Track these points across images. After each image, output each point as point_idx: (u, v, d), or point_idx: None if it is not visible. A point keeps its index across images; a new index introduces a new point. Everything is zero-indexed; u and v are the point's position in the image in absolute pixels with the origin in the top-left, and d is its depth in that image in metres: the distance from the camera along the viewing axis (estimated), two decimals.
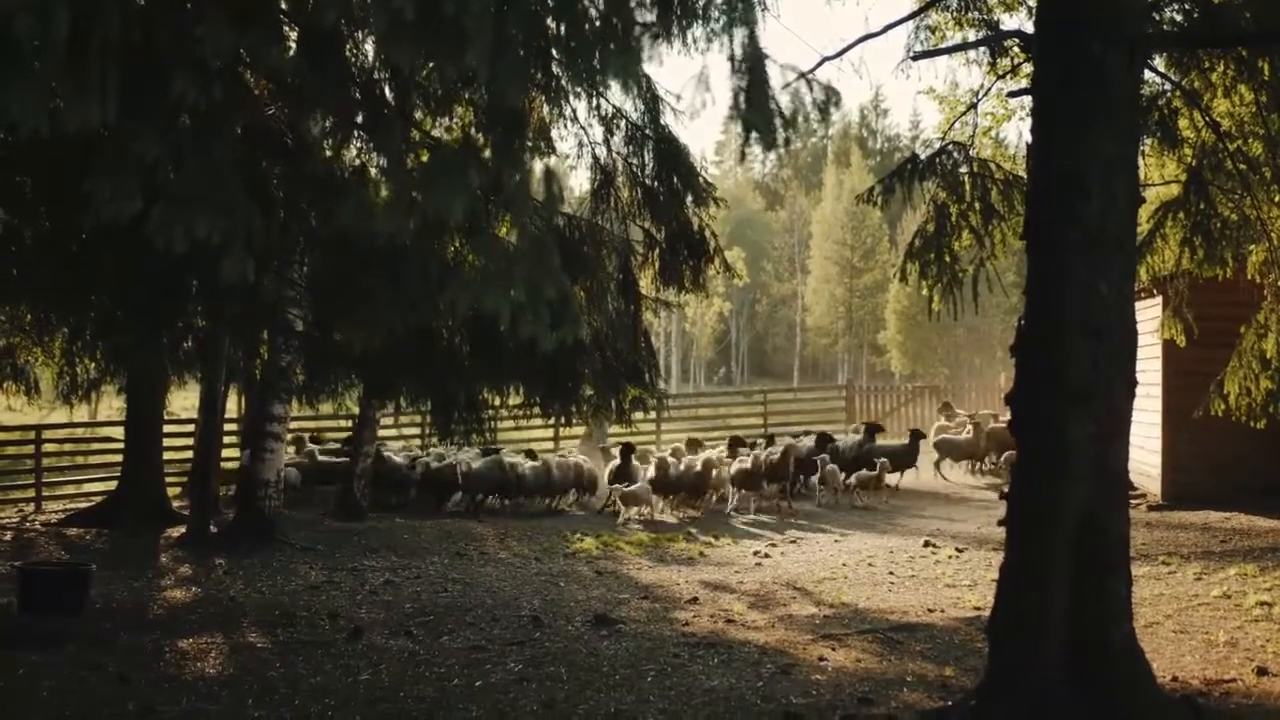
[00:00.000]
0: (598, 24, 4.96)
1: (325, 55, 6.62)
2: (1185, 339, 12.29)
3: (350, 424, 18.99)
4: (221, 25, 4.82)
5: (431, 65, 5.05)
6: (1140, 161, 7.88)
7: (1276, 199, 10.48)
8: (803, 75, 5.57)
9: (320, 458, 18.94)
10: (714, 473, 17.61)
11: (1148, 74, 9.61)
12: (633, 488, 16.93)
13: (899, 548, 13.87)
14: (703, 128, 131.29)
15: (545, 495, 18.31)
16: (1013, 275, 24.68)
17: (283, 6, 6.57)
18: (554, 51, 5.40)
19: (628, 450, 18.08)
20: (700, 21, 5.17)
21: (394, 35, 4.62)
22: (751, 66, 5.19)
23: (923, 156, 10.75)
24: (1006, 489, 6.90)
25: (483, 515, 17.15)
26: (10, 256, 9.21)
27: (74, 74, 4.69)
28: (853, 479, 18.30)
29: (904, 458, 19.66)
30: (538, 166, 6.25)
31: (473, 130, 7.38)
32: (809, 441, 19.76)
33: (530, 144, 5.66)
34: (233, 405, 20.93)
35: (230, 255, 5.19)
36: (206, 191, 5.13)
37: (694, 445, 20.62)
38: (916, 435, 20.42)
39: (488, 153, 5.76)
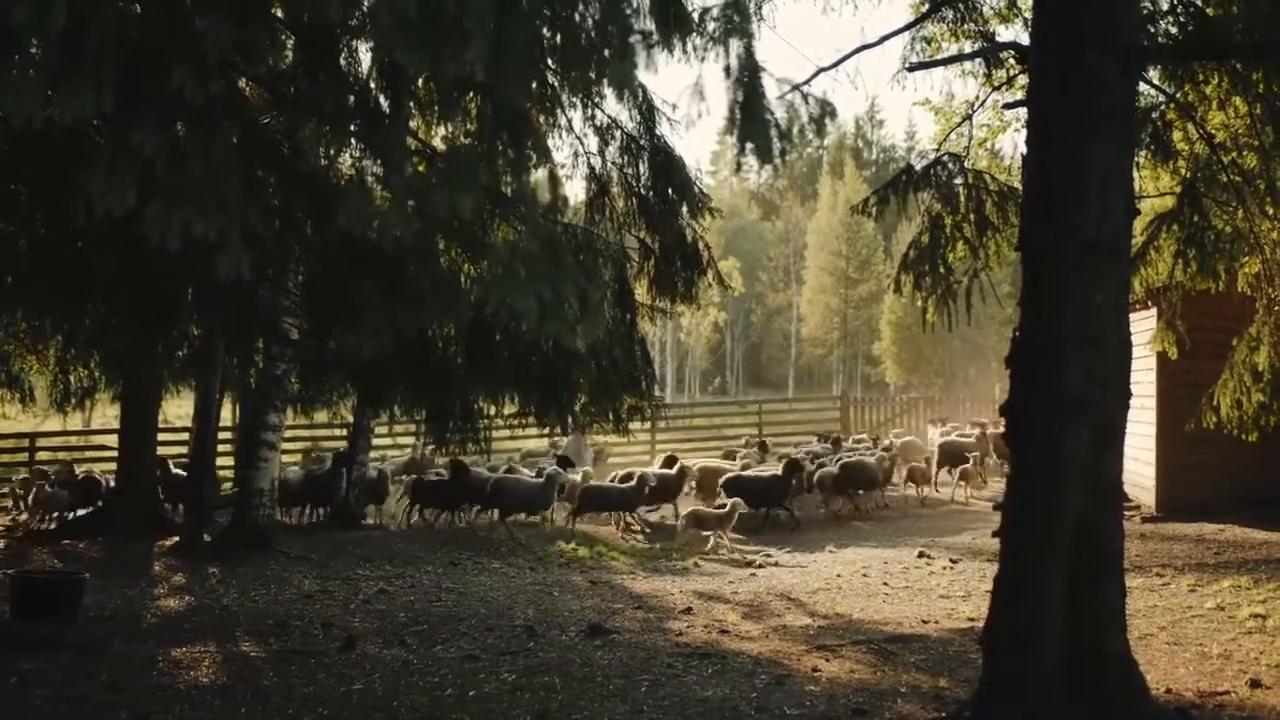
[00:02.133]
0: (593, 33, 4.97)
1: (321, 61, 6.64)
2: (1178, 351, 12.31)
3: (345, 433, 18.95)
4: (220, 19, 4.83)
5: (432, 67, 5.05)
6: (1135, 173, 7.89)
7: (1270, 212, 10.50)
8: (797, 87, 5.58)
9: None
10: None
11: (1142, 86, 9.64)
12: None
13: (893, 559, 13.87)
14: (698, 137, 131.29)
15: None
16: (1007, 287, 24.76)
17: (279, 15, 6.58)
18: (549, 60, 5.41)
19: (793, 467, 17.39)
20: (696, 32, 5.18)
21: (397, 33, 4.63)
22: (748, 78, 5.20)
23: (918, 168, 10.74)
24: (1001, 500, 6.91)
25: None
26: (5, 264, 9.20)
27: (70, 65, 4.70)
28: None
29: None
30: (538, 173, 6.27)
31: (466, 139, 7.38)
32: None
33: (532, 147, 5.66)
34: (227, 414, 20.92)
35: (226, 251, 5.18)
36: (203, 187, 5.12)
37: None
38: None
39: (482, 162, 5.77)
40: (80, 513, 17.23)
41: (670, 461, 18.32)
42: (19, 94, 4.62)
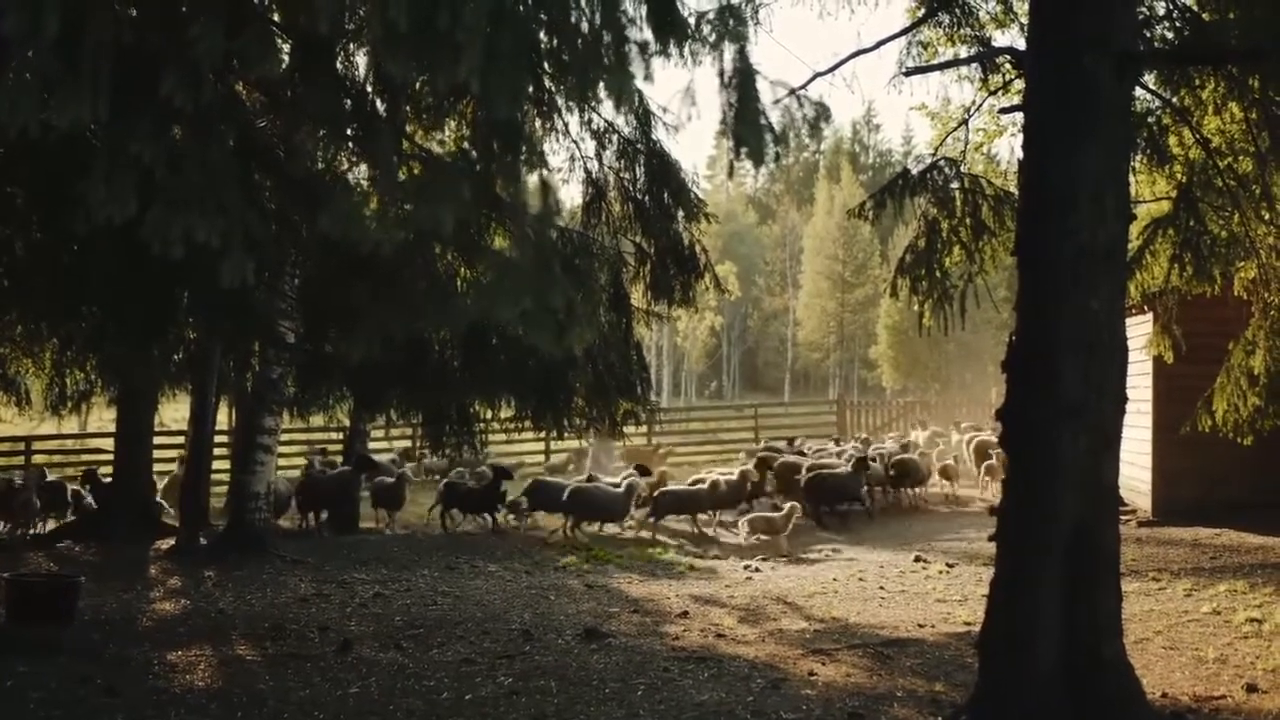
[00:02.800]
0: (590, 39, 4.97)
1: (318, 66, 6.63)
2: (1174, 355, 12.33)
3: (341, 436, 18.94)
4: (214, 25, 4.81)
5: (424, 77, 5.04)
6: (1131, 178, 7.90)
7: (1266, 216, 10.52)
8: (793, 91, 5.58)
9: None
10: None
11: (1138, 91, 9.63)
12: None
13: (889, 563, 13.88)
14: (695, 142, 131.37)
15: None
16: (1003, 291, 24.76)
17: (275, 19, 6.57)
18: (546, 65, 5.41)
19: (862, 464, 17.85)
20: (692, 37, 5.18)
21: (388, 45, 4.63)
22: (742, 82, 5.19)
23: (914, 172, 10.74)
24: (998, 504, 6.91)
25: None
26: (1, 267, 9.20)
27: (66, 72, 4.69)
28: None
29: None
30: (532, 179, 6.26)
31: (465, 144, 7.38)
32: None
33: (525, 157, 5.66)
34: (223, 418, 20.90)
35: (229, 258, 5.16)
36: (204, 192, 5.10)
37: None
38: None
39: (478, 167, 5.77)
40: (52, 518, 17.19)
41: (762, 463, 18.79)
42: (14, 102, 4.60)
